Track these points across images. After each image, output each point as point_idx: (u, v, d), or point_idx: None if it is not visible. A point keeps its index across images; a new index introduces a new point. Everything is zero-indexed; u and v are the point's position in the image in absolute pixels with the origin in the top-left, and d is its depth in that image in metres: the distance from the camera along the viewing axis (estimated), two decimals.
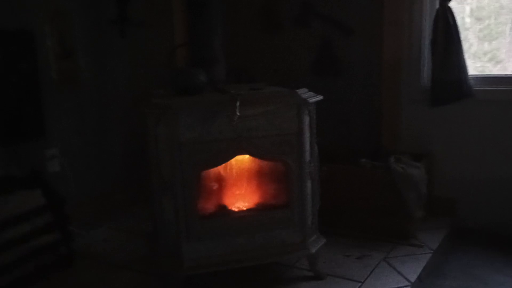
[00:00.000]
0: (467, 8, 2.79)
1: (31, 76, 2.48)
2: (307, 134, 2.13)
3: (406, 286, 2.16)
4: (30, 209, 2.24)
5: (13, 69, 2.40)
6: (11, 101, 2.41)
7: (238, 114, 1.96)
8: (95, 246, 2.60)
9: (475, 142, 2.75)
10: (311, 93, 2.14)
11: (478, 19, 2.87)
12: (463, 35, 2.65)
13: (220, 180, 2.21)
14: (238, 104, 1.97)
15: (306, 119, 2.12)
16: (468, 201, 2.80)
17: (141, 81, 2.92)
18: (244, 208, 2.22)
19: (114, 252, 2.53)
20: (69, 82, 2.74)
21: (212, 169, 2.14)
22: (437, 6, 2.65)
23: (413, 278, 2.22)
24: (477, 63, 2.86)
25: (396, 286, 2.15)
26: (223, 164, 2.15)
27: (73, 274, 2.31)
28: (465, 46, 2.65)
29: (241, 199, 2.24)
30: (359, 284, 2.17)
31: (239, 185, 2.24)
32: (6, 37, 2.37)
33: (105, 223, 2.84)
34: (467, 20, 2.86)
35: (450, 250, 2.62)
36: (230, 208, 2.22)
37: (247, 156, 2.17)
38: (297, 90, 2.10)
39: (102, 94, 2.91)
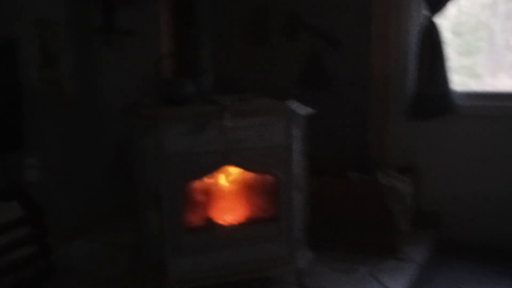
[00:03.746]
0: (447, 23, 2.84)
1: (11, 85, 2.41)
2: (296, 147, 2.12)
3: None
4: (7, 221, 2.15)
5: None
6: None
7: (227, 125, 1.94)
8: (76, 259, 2.52)
9: (460, 156, 2.78)
10: (301, 106, 2.13)
11: (457, 34, 2.92)
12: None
13: (207, 192, 2.17)
14: (227, 115, 1.94)
15: (295, 131, 2.11)
16: (454, 215, 2.82)
17: (127, 91, 2.87)
18: (232, 222, 2.18)
19: (95, 266, 2.46)
20: (52, 91, 2.67)
21: (199, 181, 2.11)
22: (423, 21, 2.69)
23: None
24: (456, 77, 2.90)
25: None
26: (211, 176, 2.12)
27: None
28: None
29: (228, 212, 2.20)
30: None
31: (227, 197, 2.21)
32: None
33: (87, 236, 2.76)
34: (447, 35, 2.91)
35: (436, 264, 2.63)
36: (217, 221, 2.18)
37: (235, 168, 2.14)
38: (286, 102, 2.09)
39: (86, 103, 2.84)
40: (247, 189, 2.21)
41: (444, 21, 2.76)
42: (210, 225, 2.15)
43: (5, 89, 2.38)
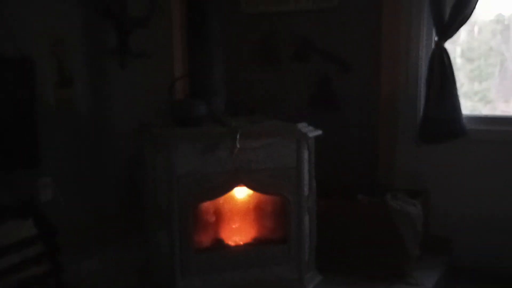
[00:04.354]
0: (458, 49, 2.87)
1: (28, 104, 2.46)
2: (305, 168, 2.13)
3: None
4: (20, 239, 2.17)
5: (11, 96, 2.38)
6: (6, 128, 2.38)
7: (238, 146, 1.96)
8: (87, 278, 2.52)
9: (470, 180, 2.77)
10: (311, 128, 2.15)
11: (469, 60, 2.94)
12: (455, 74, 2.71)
13: (217, 213, 2.18)
14: (238, 136, 1.97)
15: (305, 153, 2.12)
16: (464, 240, 2.79)
17: (140, 112, 2.91)
18: (241, 243, 2.19)
19: (106, 285, 2.46)
20: (66, 111, 2.72)
21: (209, 202, 2.12)
22: (433, 46, 2.72)
23: None
24: (468, 102, 2.92)
25: None
26: (221, 197, 2.13)
27: None
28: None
29: (238, 233, 2.21)
30: None
31: (236, 218, 2.22)
32: (5, 64, 2.36)
33: (97, 254, 2.77)
34: (458, 60, 2.93)
35: None
36: (226, 242, 2.18)
37: (245, 189, 2.15)
38: (297, 124, 2.11)
39: (99, 124, 2.88)
40: (257, 210, 2.22)
41: (456, 47, 2.79)
42: (220, 245, 2.16)
43: (22, 108, 2.43)
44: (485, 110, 2.92)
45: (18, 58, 2.41)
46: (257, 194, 2.18)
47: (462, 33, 2.75)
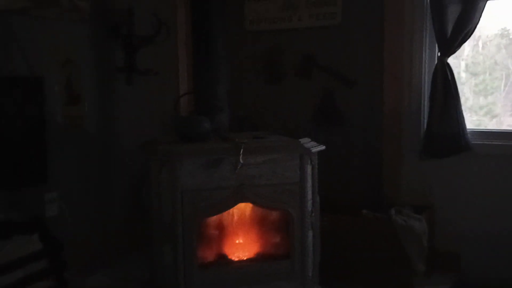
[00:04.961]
0: (463, 64, 2.87)
1: (37, 121, 2.51)
2: (309, 184, 2.14)
3: None
4: (26, 255, 2.19)
5: (20, 114, 2.43)
6: (16, 145, 2.42)
7: (242, 162, 1.98)
8: None
9: (476, 195, 2.75)
10: (314, 143, 2.17)
11: (474, 74, 2.94)
12: (459, 89, 2.72)
13: (221, 228, 2.19)
14: (241, 152, 1.99)
15: (309, 169, 2.13)
16: (470, 255, 2.76)
17: (146, 128, 2.95)
18: (244, 258, 2.19)
19: None
20: (74, 128, 2.76)
21: (213, 217, 2.13)
22: (436, 61, 2.73)
23: None
24: (473, 116, 2.91)
25: None
26: (225, 212, 2.14)
27: None
28: (461, 100, 2.71)
29: (241, 248, 2.21)
30: None
31: (240, 234, 2.22)
32: (16, 83, 2.42)
33: (101, 269, 2.78)
34: (463, 75, 2.93)
35: None
36: (230, 257, 2.18)
37: (248, 205, 2.16)
38: (300, 140, 2.13)
39: (106, 140, 2.93)
40: (261, 226, 2.22)
41: (460, 61, 2.80)
42: (223, 261, 2.16)
43: (32, 125, 2.48)
44: (491, 125, 2.91)
45: (27, 77, 2.47)
46: (261, 209, 2.18)
47: (466, 47, 2.75)
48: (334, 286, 2.45)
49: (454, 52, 2.67)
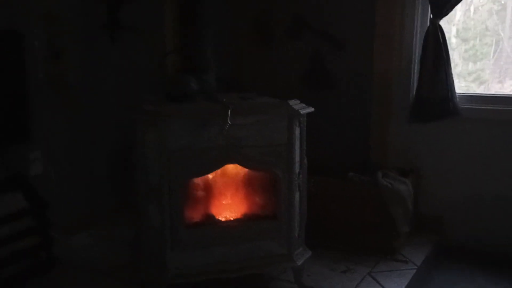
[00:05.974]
0: (454, 29, 2.84)
1: (18, 78, 2.44)
2: (297, 146, 2.13)
3: None
4: (11, 212, 2.18)
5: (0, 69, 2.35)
6: None
7: (229, 123, 1.95)
8: (77, 252, 2.54)
9: (462, 159, 2.78)
10: (302, 105, 2.14)
11: (464, 40, 2.92)
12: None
13: (207, 189, 2.19)
14: (229, 112, 1.96)
15: (297, 131, 2.12)
16: (454, 218, 2.82)
17: (131, 87, 2.89)
18: (231, 218, 2.20)
19: (95, 260, 2.48)
20: (56, 85, 2.69)
21: (200, 178, 2.12)
22: (428, 24, 2.69)
23: None
24: (462, 82, 2.91)
25: None
26: (211, 173, 2.13)
27: (52, 280, 2.26)
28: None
29: (228, 209, 2.21)
30: None
31: (227, 194, 2.22)
32: None
33: (88, 229, 2.78)
34: (453, 40, 2.91)
35: (435, 266, 2.63)
36: (216, 217, 2.19)
37: (236, 166, 2.15)
38: (289, 101, 2.10)
39: (90, 98, 2.87)
40: (248, 187, 2.22)
41: (451, 26, 2.76)
42: (210, 221, 2.17)
43: (12, 82, 2.40)
44: (479, 91, 2.92)
45: (6, 31, 2.37)
46: (248, 171, 2.18)
47: (458, 12, 2.72)
48: (319, 246, 2.50)
49: (446, 14, 2.63)
